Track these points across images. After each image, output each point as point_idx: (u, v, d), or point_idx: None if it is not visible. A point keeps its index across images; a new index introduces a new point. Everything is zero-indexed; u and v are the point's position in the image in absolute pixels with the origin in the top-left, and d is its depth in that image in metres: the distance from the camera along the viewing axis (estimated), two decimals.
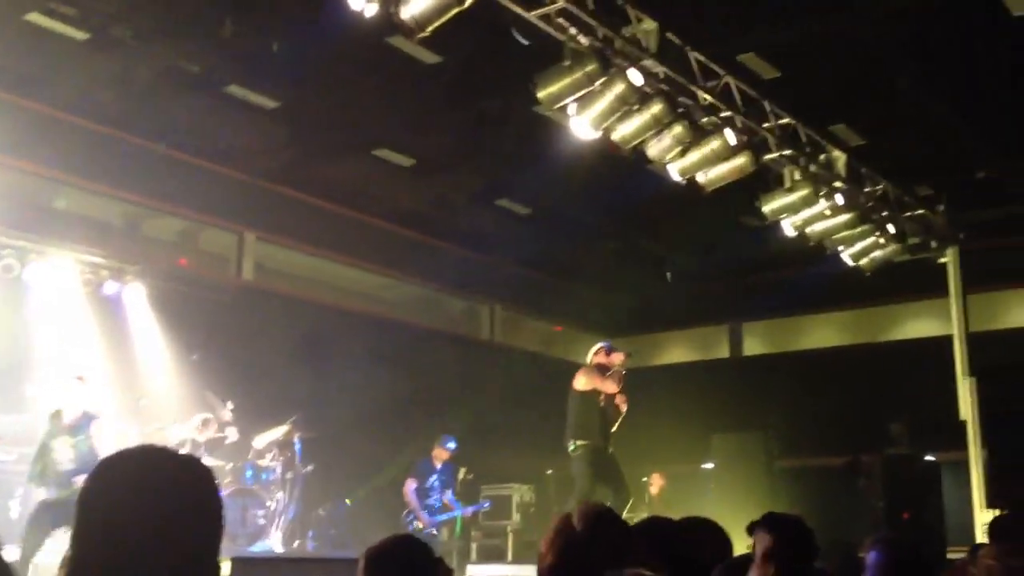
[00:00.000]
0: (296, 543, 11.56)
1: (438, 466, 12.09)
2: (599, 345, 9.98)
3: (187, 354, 12.52)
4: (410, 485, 11.97)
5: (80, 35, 11.11)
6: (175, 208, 14.09)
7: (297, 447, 11.65)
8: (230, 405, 11.58)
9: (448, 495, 12.05)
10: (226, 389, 12.28)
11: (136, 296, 12.32)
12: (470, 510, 12.29)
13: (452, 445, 12.04)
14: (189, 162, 13.72)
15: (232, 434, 11.29)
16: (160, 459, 1.88)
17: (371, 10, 7.05)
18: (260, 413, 12.35)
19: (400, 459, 14.13)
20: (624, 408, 9.95)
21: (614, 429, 9.78)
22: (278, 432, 11.54)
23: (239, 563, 8.74)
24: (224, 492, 10.53)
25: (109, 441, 9.62)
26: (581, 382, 9.56)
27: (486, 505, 12.90)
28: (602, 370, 9.69)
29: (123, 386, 11.40)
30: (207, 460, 10.68)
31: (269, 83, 12.32)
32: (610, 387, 9.53)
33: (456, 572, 8.18)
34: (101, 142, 12.76)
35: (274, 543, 11.02)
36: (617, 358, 9.73)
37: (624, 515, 13.54)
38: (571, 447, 9.29)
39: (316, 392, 13.77)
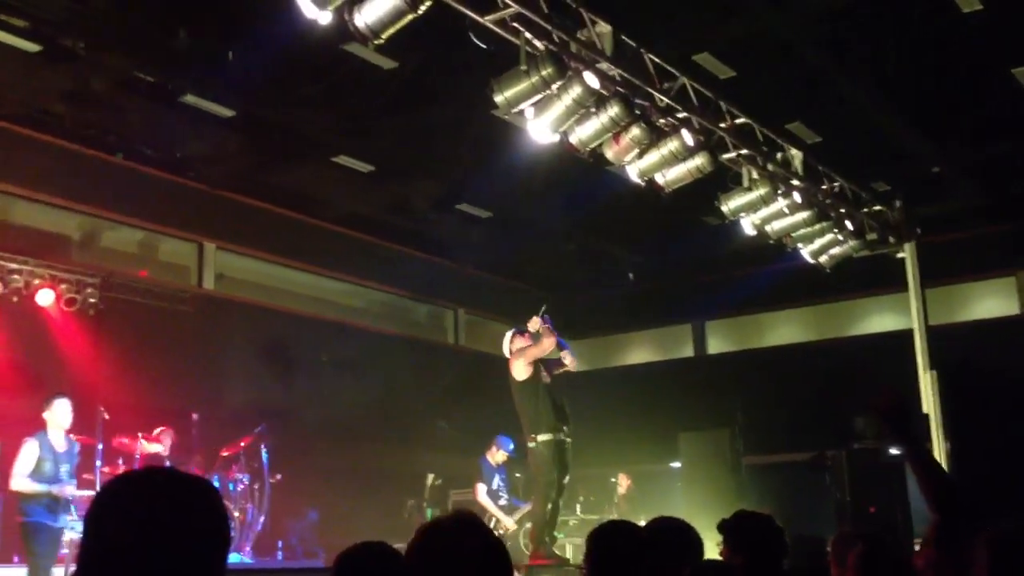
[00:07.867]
0: (266, 554, 11.49)
1: (496, 467, 11.93)
2: (511, 332, 9.34)
3: (149, 366, 12.41)
4: (481, 489, 11.63)
5: (31, 47, 10.99)
6: (133, 219, 13.98)
7: (264, 457, 11.57)
8: (195, 416, 11.50)
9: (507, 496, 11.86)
10: (190, 400, 12.17)
11: (93, 308, 12.15)
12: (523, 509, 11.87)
13: (512, 447, 11.66)
14: (146, 172, 13.63)
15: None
16: (167, 480, 1.89)
17: (325, 18, 7.03)
18: (226, 423, 12.27)
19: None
20: (569, 361, 9.27)
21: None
22: (245, 442, 11.45)
23: None
24: None
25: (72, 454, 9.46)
26: (520, 370, 8.99)
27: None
28: (530, 339, 9.09)
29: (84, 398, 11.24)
30: None
31: (225, 92, 12.24)
32: (548, 343, 8.92)
33: None
34: (55, 154, 12.63)
35: (244, 554, 10.94)
36: (532, 324, 9.03)
37: (589, 516, 13.53)
38: (531, 444, 8.99)
39: (281, 401, 13.71)
